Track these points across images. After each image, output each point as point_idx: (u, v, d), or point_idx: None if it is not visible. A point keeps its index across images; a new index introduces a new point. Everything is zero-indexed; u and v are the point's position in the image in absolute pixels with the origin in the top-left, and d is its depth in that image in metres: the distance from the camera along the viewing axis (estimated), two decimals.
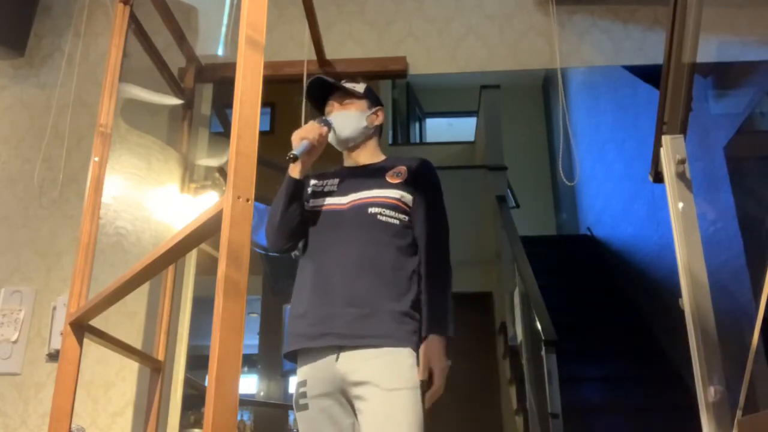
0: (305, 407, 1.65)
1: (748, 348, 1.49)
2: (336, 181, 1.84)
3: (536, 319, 3.57)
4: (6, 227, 2.91)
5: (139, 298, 2.70)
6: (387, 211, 1.73)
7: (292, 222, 1.74)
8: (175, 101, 2.98)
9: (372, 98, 1.90)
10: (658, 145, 1.88)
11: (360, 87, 1.88)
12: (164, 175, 2.87)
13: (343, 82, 1.90)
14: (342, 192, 1.79)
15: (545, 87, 8.68)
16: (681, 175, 1.81)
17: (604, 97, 6.28)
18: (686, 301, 1.70)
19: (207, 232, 1.09)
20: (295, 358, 1.73)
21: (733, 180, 3.41)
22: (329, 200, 1.80)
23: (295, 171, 1.73)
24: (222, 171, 3.09)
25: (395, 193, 1.75)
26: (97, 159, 1.95)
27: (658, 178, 1.90)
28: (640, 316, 5.01)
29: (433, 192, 1.82)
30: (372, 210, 1.72)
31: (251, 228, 0.99)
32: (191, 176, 2.97)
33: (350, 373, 1.60)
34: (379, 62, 3.12)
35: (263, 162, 1.33)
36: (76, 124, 3.01)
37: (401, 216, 1.74)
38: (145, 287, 2.71)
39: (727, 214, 3.43)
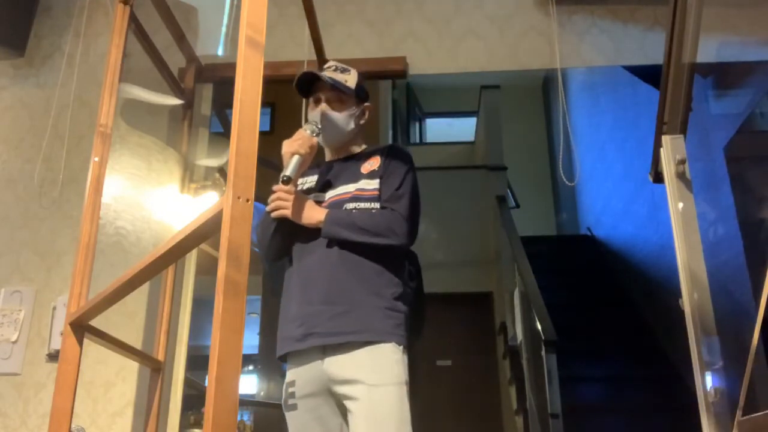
0: (294, 407, 1.65)
1: (748, 348, 1.49)
2: (315, 178, 1.82)
3: (536, 319, 3.57)
4: (6, 227, 2.91)
5: (139, 298, 2.70)
6: (362, 204, 1.70)
7: (283, 235, 1.74)
8: (175, 101, 2.97)
9: (361, 94, 1.84)
10: (658, 145, 1.88)
11: (351, 79, 1.81)
12: (164, 175, 2.87)
13: (332, 66, 1.83)
14: (321, 190, 1.78)
15: (545, 87, 8.68)
16: (681, 175, 1.81)
17: (604, 97, 6.28)
18: (686, 301, 1.71)
19: (207, 232, 1.09)
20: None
21: (733, 180, 3.40)
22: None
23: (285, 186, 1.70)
24: (222, 171, 3.09)
25: (368, 184, 1.73)
26: (97, 159, 1.95)
27: (658, 178, 1.90)
28: (640, 316, 5.01)
29: (401, 173, 1.74)
30: (348, 206, 1.71)
31: (251, 228, 0.99)
32: (191, 176, 2.97)
33: (336, 373, 1.60)
34: (379, 62, 3.12)
35: (263, 162, 1.33)
36: (76, 124, 3.01)
37: (376, 205, 1.70)
38: (145, 287, 2.71)
39: (727, 214, 3.42)
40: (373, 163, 1.77)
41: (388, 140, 6.95)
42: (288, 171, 1.64)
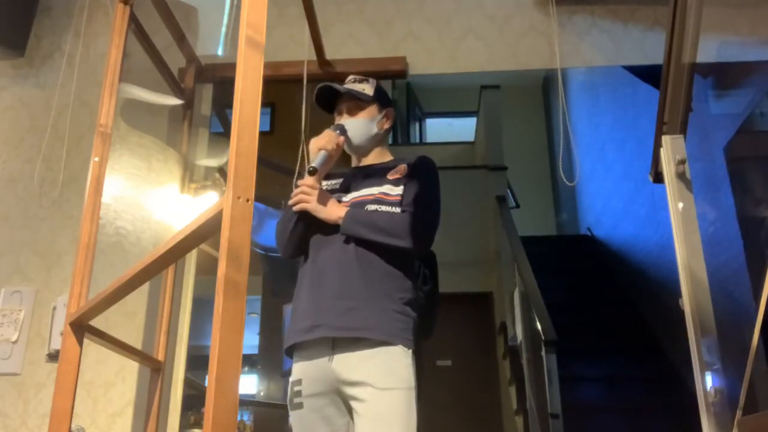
0: (299, 406, 1.64)
1: (748, 348, 1.49)
2: (340, 180, 1.85)
3: (536, 319, 3.57)
4: (6, 227, 2.91)
5: (139, 298, 2.70)
6: (383, 207, 1.72)
7: (302, 232, 1.76)
8: (175, 101, 2.97)
9: (382, 100, 1.87)
10: (658, 145, 1.89)
11: (369, 88, 1.86)
12: (164, 175, 2.87)
13: (351, 79, 1.88)
14: (344, 191, 1.81)
15: (545, 87, 8.68)
16: (681, 175, 1.81)
17: (603, 97, 6.28)
18: (686, 301, 1.71)
19: (207, 232, 1.09)
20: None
21: (733, 180, 3.40)
22: None
23: (309, 181, 1.74)
24: (222, 171, 3.09)
25: (392, 190, 1.75)
26: (97, 159, 1.96)
27: (658, 178, 1.90)
28: (640, 316, 5.01)
29: (426, 181, 1.78)
30: (369, 207, 1.72)
31: (251, 228, 0.99)
32: (191, 176, 2.97)
33: (345, 373, 1.59)
34: (379, 62, 3.12)
35: (263, 162, 1.33)
36: (76, 124, 3.01)
37: (397, 210, 1.72)
38: (145, 287, 2.71)
39: (727, 214, 3.43)
40: (399, 171, 1.79)
41: (389, 140, 6.95)
42: (314, 163, 1.67)
